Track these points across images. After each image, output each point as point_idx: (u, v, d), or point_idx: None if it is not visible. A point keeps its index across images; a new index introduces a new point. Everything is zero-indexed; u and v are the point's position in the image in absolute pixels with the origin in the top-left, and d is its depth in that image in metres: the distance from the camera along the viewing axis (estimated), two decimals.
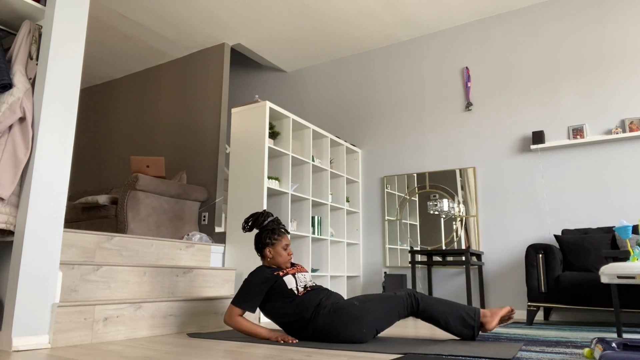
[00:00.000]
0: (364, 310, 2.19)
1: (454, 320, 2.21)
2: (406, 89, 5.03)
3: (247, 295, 2.29)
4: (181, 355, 1.83)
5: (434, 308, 2.23)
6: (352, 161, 5.14)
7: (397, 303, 2.23)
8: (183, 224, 4.33)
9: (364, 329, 2.18)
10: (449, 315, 2.22)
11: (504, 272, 4.18)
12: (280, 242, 2.45)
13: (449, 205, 4.50)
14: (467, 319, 2.22)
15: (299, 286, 2.33)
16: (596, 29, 4.15)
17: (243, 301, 2.29)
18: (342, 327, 2.18)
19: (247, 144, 3.88)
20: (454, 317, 2.22)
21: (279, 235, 2.46)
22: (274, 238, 2.45)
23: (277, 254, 2.44)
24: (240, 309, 2.29)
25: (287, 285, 2.31)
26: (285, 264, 2.45)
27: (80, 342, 2.16)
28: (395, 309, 2.23)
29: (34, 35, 2.30)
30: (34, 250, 2.06)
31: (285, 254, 2.45)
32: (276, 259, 2.44)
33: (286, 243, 2.46)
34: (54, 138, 2.20)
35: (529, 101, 4.34)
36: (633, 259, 2.30)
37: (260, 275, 2.33)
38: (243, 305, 2.29)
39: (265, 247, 2.46)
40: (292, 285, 2.32)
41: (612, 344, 1.71)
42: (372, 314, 2.19)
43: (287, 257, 2.46)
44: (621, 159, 3.87)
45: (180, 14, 4.73)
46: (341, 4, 4.51)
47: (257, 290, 2.29)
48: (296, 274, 2.39)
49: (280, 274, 2.35)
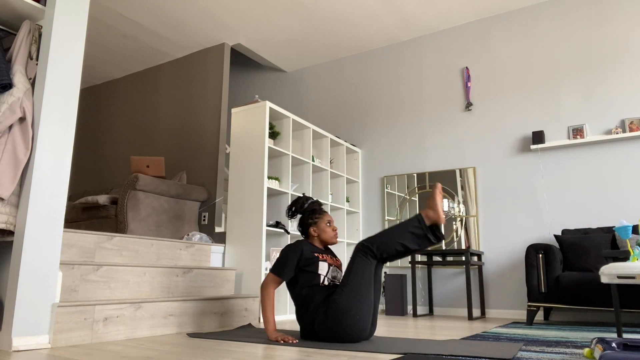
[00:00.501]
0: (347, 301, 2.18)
1: (410, 242, 2.22)
2: (406, 89, 5.03)
3: (283, 263, 2.36)
4: (181, 355, 1.83)
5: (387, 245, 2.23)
6: (352, 161, 5.14)
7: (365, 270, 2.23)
8: (183, 224, 4.33)
9: (357, 315, 2.17)
10: (402, 241, 2.22)
11: (504, 272, 4.18)
12: (322, 220, 2.52)
13: (449, 205, 4.50)
14: (417, 232, 2.23)
15: (328, 276, 2.37)
16: (596, 29, 4.16)
17: (277, 268, 2.36)
18: (336, 325, 2.18)
19: (247, 144, 3.88)
20: (408, 240, 2.23)
21: (320, 214, 2.54)
22: (315, 217, 2.53)
23: (322, 231, 2.51)
24: (278, 277, 2.35)
25: (319, 268, 2.35)
26: (332, 239, 2.52)
27: (80, 342, 2.16)
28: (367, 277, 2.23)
29: (34, 35, 2.30)
30: (34, 250, 2.06)
31: (329, 230, 2.52)
32: (321, 236, 2.51)
33: (328, 220, 2.54)
34: (54, 138, 2.20)
35: (529, 101, 4.34)
36: (633, 259, 2.30)
37: (300, 247, 2.40)
38: (277, 271, 2.35)
39: (310, 226, 2.54)
40: (323, 272, 2.36)
41: (612, 344, 1.71)
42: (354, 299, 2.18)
43: (332, 233, 2.52)
44: (621, 159, 3.87)
45: (180, 14, 4.73)
46: (341, 4, 4.51)
47: (294, 261, 2.36)
48: (333, 267, 2.43)
49: (320, 257, 2.40)
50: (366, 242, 2.28)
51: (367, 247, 2.26)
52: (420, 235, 2.22)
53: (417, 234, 2.22)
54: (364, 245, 2.27)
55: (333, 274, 2.41)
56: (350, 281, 2.22)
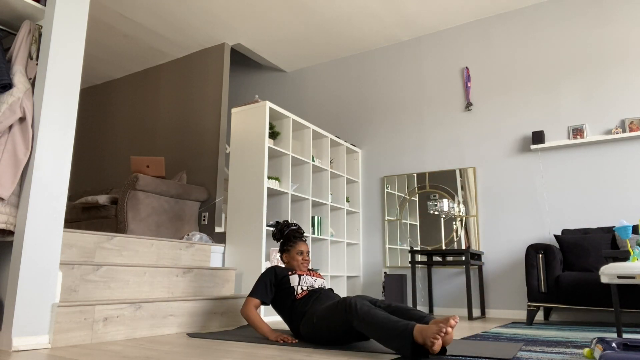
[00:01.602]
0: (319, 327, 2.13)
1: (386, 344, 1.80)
2: (406, 89, 5.03)
3: (258, 286, 2.47)
4: (181, 355, 1.83)
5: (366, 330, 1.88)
6: (352, 161, 5.14)
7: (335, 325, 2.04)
8: (183, 224, 4.33)
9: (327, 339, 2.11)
10: (379, 339, 1.83)
11: (504, 272, 4.18)
12: (294, 248, 2.61)
13: (449, 205, 4.50)
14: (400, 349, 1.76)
15: (301, 286, 2.43)
16: (596, 29, 4.15)
17: (255, 291, 2.46)
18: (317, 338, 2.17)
19: (247, 144, 3.88)
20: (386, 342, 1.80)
21: (293, 242, 2.63)
22: (289, 245, 2.63)
23: (291, 258, 2.61)
24: (254, 298, 2.44)
25: (290, 282, 2.44)
26: (299, 268, 2.58)
27: (80, 342, 2.16)
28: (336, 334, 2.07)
29: (34, 35, 2.30)
30: (34, 250, 2.06)
31: (298, 259, 2.59)
32: (290, 263, 2.61)
33: (300, 249, 2.60)
34: (54, 138, 2.20)
35: (529, 101, 4.34)
36: (633, 259, 2.30)
37: (272, 270, 2.52)
38: (255, 294, 2.45)
39: (283, 253, 2.66)
40: (295, 283, 2.43)
41: (612, 344, 1.71)
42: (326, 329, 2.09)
43: (301, 262, 2.59)
44: (621, 159, 3.87)
45: (181, 14, 4.73)
46: (341, 4, 4.50)
47: (268, 282, 2.47)
48: (304, 276, 2.50)
49: (289, 274, 2.50)
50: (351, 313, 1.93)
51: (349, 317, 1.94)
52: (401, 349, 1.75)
53: (399, 345, 1.75)
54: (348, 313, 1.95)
55: (306, 282, 2.47)
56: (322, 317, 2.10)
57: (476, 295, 4.26)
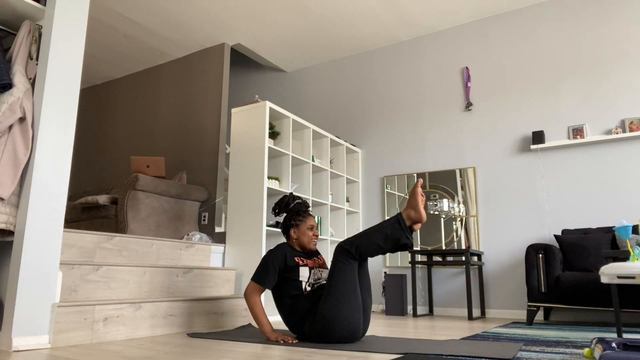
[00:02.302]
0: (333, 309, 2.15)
1: (387, 243, 2.18)
2: (406, 89, 5.03)
3: (264, 270, 2.34)
4: (181, 355, 1.83)
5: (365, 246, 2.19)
6: (352, 161, 5.14)
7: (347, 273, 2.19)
8: (183, 224, 4.33)
9: (344, 322, 2.14)
10: (380, 241, 2.18)
11: (504, 272, 4.18)
12: (304, 223, 2.47)
13: (449, 205, 4.50)
14: (394, 233, 2.17)
15: (310, 280, 2.35)
16: (596, 29, 4.16)
17: (259, 276, 2.34)
18: (325, 333, 2.17)
19: (247, 144, 3.88)
20: (385, 241, 2.18)
21: (303, 217, 2.49)
22: (298, 219, 2.48)
23: (302, 234, 2.47)
24: (256, 284, 2.33)
25: (299, 275, 2.33)
26: (310, 244, 2.47)
27: (80, 342, 2.16)
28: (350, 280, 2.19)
29: (34, 35, 2.30)
30: (34, 250, 2.06)
31: (309, 234, 2.47)
32: (301, 239, 2.47)
33: (311, 224, 2.49)
34: (54, 138, 2.20)
35: (529, 101, 4.34)
36: (633, 259, 2.30)
37: (281, 252, 2.37)
38: (259, 280, 2.33)
39: (290, 228, 2.50)
40: (304, 278, 2.33)
41: (612, 344, 1.71)
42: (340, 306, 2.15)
43: (312, 238, 2.47)
44: (621, 159, 3.87)
45: (180, 14, 4.73)
46: (341, 4, 4.51)
47: (275, 267, 2.34)
48: (314, 269, 2.40)
49: (300, 263, 2.37)
50: (345, 244, 2.22)
51: (346, 249, 2.21)
52: (399, 235, 2.16)
53: (393, 235, 2.16)
54: (343, 248, 2.22)
55: (315, 276, 2.38)
56: (334, 288, 2.18)
57: (476, 295, 4.26)
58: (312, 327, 2.20)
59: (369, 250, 2.18)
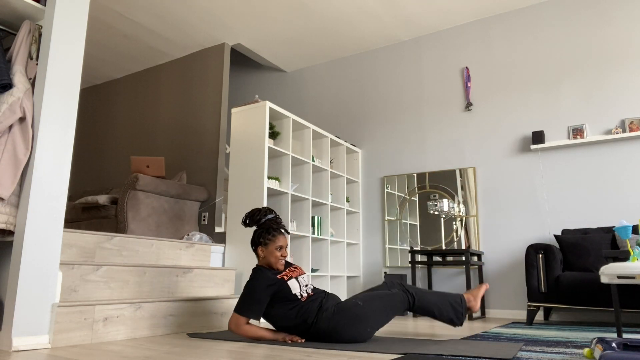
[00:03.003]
0: (368, 310, 2.22)
1: (446, 310, 2.34)
2: (406, 89, 5.03)
3: (251, 303, 2.21)
4: (181, 355, 1.83)
5: (427, 300, 2.34)
6: (352, 161, 5.14)
7: (397, 301, 2.30)
8: (183, 224, 4.33)
9: (368, 328, 2.21)
10: (440, 305, 2.34)
11: (504, 272, 4.18)
12: (273, 242, 2.33)
13: (449, 205, 4.50)
14: (456, 307, 2.36)
15: (302, 291, 2.29)
16: (596, 29, 4.15)
17: (248, 309, 2.21)
18: (346, 327, 2.19)
19: (247, 144, 3.88)
20: (445, 307, 2.35)
21: (273, 236, 2.34)
22: (267, 238, 2.34)
23: (269, 254, 2.33)
24: (245, 317, 2.22)
25: (292, 290, 2.25)
26: (277, 265, 2.33)
27: (80, 342, 2.16)
28: (395, 307, 2.30)
29: (34, 35, 2.30)
30: (34, 250, 2.06)
31: (277, 254, 2.32)
32: (268, 259, 2.34)
33: (280, 244, 2.34)
34: (54, 138, 2.20)
35: (529, 101, 4.34)
36: (633, 259, 2.30)
37: (264, 279, 2.23)
38: (248, 313, 2.21)
39: (259, 245, 2.37)
40: (297, 290, 2.27)
41: (612, 344, 1.71)
42: (375, 314, 2.24)
43: (280, 259, 2.34)
44: (621, 159, 3.87)
45: (180, 14, 4.73)
46: (341, 4, 4.51)
47: (261, 297, 2.21)
48: (298, 278, 2.34)
49: (285, 278, 2.27)
50: (410, 289, 2.36)
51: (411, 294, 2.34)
52: (458, 312, 2.36)
53: (456, 309, 2.36)
54: (408, 292, 2.35)
55: (304, 282, 2.34)
56: (383, 299, 2.29)
57: None
58: (336, 317, 2.18)
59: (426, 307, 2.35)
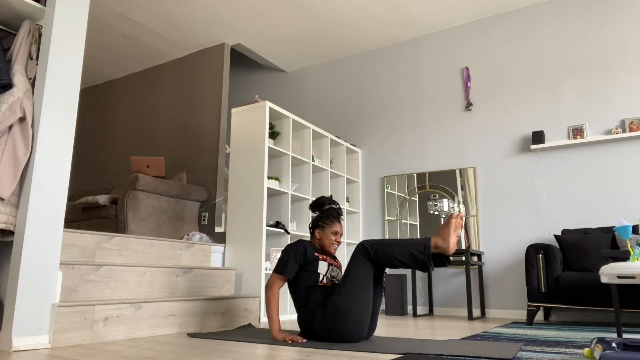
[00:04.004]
0: (343, 302, 2.20)
1: (407, 261, 2.21)
2: (406, 89, 5.03)
3: (288, 263, 2.39)
4: (181, 355, 1.83)
5: (386, 254, 2.23)
6: (352, 161, 5.14)
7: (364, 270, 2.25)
8: (183, 224, 4.33)
9: (354, 316, 2.19)
10: (400, 257, 2.21)
11: (504, 272, 4.18)
12: (330, 227, 2.55)
13: (449, 205, 4.50)
14: (418, 256, 2.19)
15: (327, 275, 2.42)
16: (596, 29, 4.16)
17: (280, 266, 2.39)
18: (335, 326, 2.19)
19: (247, 144, 3.88)
20: (405, 258, 2.21)
21: (331, 221, 2.57)
22: (326, 222, 2.57)
23: (325, 236, 2.55)
24: (283, 275, 2.37)
25: (319, 267, 2.40)
26: (330, 247, 2.54)
27: (80, 342, 2.16)
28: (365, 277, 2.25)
29: (34, 35, 2.30)
30: (34, 250, 2.06)
31: (332, 238, 2.55)
32: (323, 241, 2.55)
33: (336, 230, 2.56)
34: (54, 138, 2.20)
35: (529, 101, 4.34)
36: (633, 259, 2.30)
37: (303, 246, 2.45)
38: (281, 270, 2.38)
39: (317, 228, 2.59)
40: (322, 271, 2.40)
41: (612, 344, 1.71)
42: (353, 299, 2.21)
43: (332, 242, 2.55)
44: (621, 159, 3.87)
45: (180, 14, 4.73)
46: (341, 4, 4.51)
47: (297, 258, 2.41)
48: (333, 267, 2.48)
49: (320, 257, 2.45)
50: (367, 243, 2.29)
51: (366, 249, 2.27)
52: (419, 261, 2.20)
53: (417, 257, 2.20)
54: (364, 247, 2.29)
55: (332, 273, 2.45)
56: (348, 281, 2.24)
57: (476, 295, 4.26)
58: (323, 317, 2.23)
59: (387, 258, 2.23)
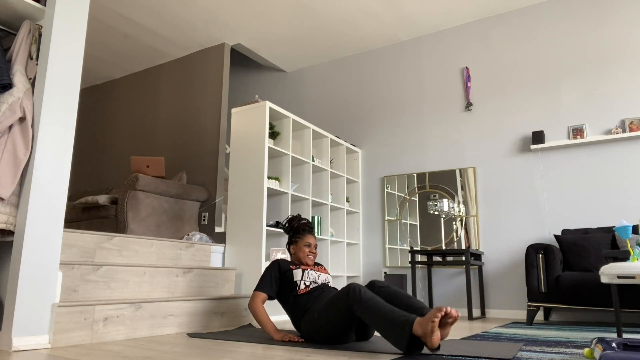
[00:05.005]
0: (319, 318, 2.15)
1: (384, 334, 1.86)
2: (406, 89, 5.03)
3: (263, 279, 2.51)
4: (181, 355, 1.83)
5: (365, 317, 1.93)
6: (352, 161, 5.14)
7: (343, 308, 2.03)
8: (183, 224, 4.33)
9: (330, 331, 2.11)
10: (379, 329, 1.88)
11: (504, 272, 4.18)
12: (302, 240, 2.64)
13: (449, 205, 4.50)
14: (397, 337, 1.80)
15: (304, 281, 2.46)
16: (596, 29, 4.15)
17: (260, 285, 2.50)
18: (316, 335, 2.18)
19: (247, 144, 3.88)
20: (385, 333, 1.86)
21: (301, 234, 2.67)
22: (297, 237, 2.67)
23: (299, 250, 2.64)
24: (261, 292, 2.47)
25: (293, 276, 2.48)
26: (305, 259, 2.61)
27: (80, 342, 2.16)
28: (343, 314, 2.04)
29: (34, 35, 2.30)
30: (34, 250, 2.06)
31: (305, 250, 2.62)
32: (297, 254, 2.64)
33: (308, 242, 2.64)
34: (54, 138, 2.20)
35: (529, 101, 4.34)
36: (633, 259, 2.30)
37: (276, 262, 2.57)
38: (260, 288, 2.48)
39: (291, 244, 2.70)
40: (297, 278, 2.47)
41: (612, 344, 1.71)
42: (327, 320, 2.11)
43: (308, 254, 2.62)
44: (621, 159, 3.87)
45: (180, 14, 4.73)
46: (341, 4, 4.50)
47: (271, 274, 2.52)
48: (308, 271, 2.52)
49: (292, 267, 2.53)
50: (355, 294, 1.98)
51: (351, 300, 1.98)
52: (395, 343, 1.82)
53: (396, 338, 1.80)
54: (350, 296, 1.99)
55: (309, 277, 2.49)
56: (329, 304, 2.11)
57: (476, 295, 4.26)
58: (306, 326, 2.26)
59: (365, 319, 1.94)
